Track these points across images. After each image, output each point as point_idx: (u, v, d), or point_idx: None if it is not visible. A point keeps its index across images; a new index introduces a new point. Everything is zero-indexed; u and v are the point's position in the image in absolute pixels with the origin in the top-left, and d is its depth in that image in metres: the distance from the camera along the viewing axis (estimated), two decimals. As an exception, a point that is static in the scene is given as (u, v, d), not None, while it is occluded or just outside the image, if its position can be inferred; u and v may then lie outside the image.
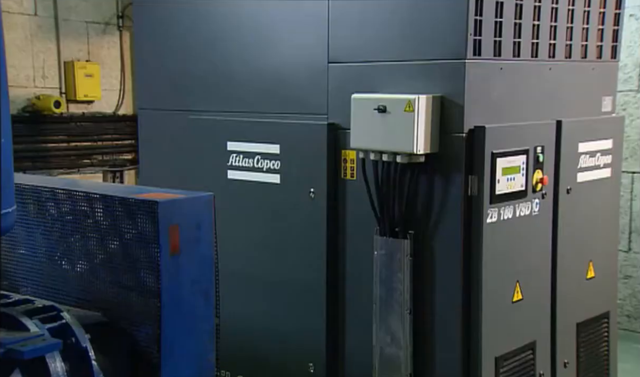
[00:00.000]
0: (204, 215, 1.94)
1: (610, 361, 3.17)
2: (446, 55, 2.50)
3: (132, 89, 5.89)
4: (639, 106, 4.64)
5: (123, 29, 5.89)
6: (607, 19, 3.02)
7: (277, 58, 3.05)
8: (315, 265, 2.91)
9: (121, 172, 5.96)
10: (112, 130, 5.86)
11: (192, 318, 1.90)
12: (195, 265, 1.91)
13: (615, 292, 3.29)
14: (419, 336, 2.64)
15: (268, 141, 3.03)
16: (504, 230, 2.60)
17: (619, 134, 3.15)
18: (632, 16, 4.61)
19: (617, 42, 3.09)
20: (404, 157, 2.53)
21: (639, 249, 4.74)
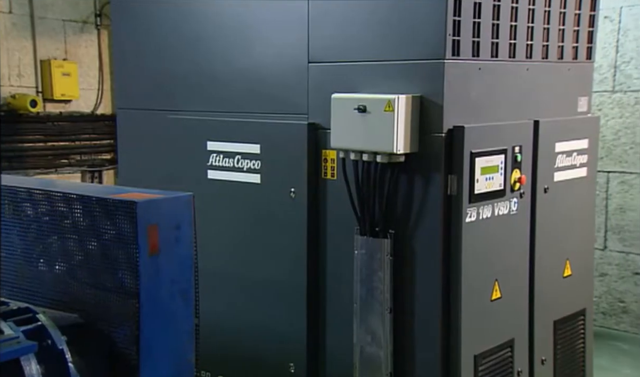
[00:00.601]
0: (183, 215, 1.93)
1: (586, 357, 3.22)
2: (425, 56, 2.52)
3: (111, 88, 5.83)
4: (614, 106, 4.72)
5: (101, 28, 5.83)
6: (582, 21, 3.06)
7: (258, 58, 3.04)
8: (296, 265, 2.91)
9: (100, 172, 5.91)
10: (90, 130, 5.80)
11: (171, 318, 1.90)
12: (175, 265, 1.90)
13: (591, 289, 3.34)
14: (399, 334, 2.65)
15: (248, 141, 3.03)
16: (483, 229, 2.62)
17: (594, 134, 3.20)
18: (607, 18, 4.68)
19: (592, 44, 3.14)
20: (384, 156, 2.55)
21: (614, 247, 4.82)
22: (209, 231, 3.12)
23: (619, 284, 4.81)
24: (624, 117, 4.70)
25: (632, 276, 4.74)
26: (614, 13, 4.68)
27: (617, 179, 4.76)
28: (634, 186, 4.69)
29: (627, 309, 4.78)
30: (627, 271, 4.77)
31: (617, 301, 4.83)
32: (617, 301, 4.84)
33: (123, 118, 3.63)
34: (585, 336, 3.21)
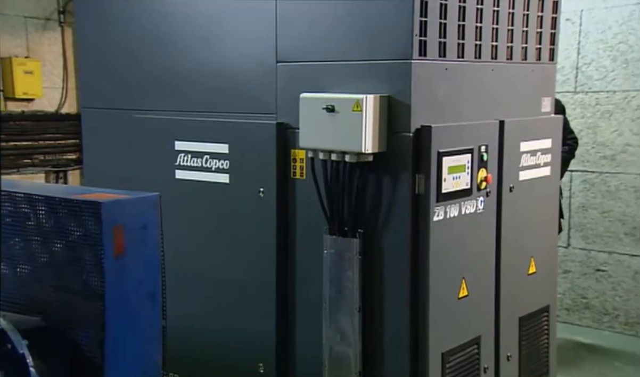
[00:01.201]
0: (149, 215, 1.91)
1: (550, 352, 3.29)
2: (393, 56, 2.54)
3: (76, 87, 5.73)
4: (576, 107, 4.83)
5: (65, 25, 5.72)
6: (544, 23, 3.12)
7: (226, 57, 3.02)
8: (265, 264, 2.91)
9: (65, 173, 5.81)
10: (54, 130, 5.69)
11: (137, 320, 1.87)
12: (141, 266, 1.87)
13: (555, 286, 3.41)
14: (368, 333, 2.67)
15: (217, 141, 3.01)
16: (450, 228, 2.65)
17: (557, 134, 3.27)
18: (569, 20, 4.79)
19: (555, 45, 3.20)
20: (352, 156, 2.56)
21: (577, 245, 4.93)
22: (177, 231, 3.09)
23: (582, 280, 4.92)
24: (585, 118, 4.81)
25: (594, 272, 4.85)
26: (575, 16, 4.79)
27: (580, 178, 4.87)
28: (596, 185, 4.81)
29: (589, 305, 4.90)
30: (589, 267, 4.89)
31: (580, 297, 4.95)
32: (579, 297, 4.95)
33: (88, 117, 3.57)
34: (549, 332, 3.28)
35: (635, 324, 4.69)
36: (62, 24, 5.68)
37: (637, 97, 4.61)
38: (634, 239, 4.68)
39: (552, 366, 3.31)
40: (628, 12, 4.61)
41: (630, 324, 4.67)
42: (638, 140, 4.60)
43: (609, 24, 4.68)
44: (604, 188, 4.76)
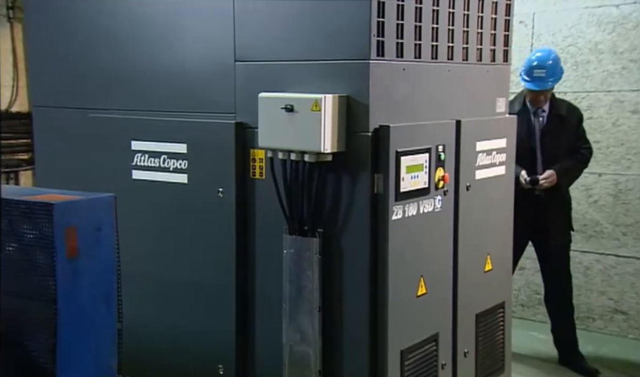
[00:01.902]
0: (104, 216, 1.88)
1: (505, 348, 3.36)
2: (351, 56, 2.55)
3: (27, 85, 5.57)
4: (530, 107, 4.94)
5: (14, 21, 5.56)
6: (498, 25, 3.19)
7: (184, 55, 2.99)
8: (225, 265, 2.89)
9: (16, 173, 5.64)
10: (4, 129, 5.52)
11: (91, 324, 1.83)
12: (95, 268, 1.84)
13: (510, 283, 3.49)
14: (328, 332, 2.68)
15: (175, 140, 2.97)
16: (409, 226, 2.68)
17: (512, 134, 3.34)
18: (522, 23, 4.91)
19: (508, 47, 3.27)
20: (311, 156, 2.56)
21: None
22: (135, 232, 3.04)
23: (536, 277, 5.04)
24: (539, 118, 4.92)
25: (548, 268, 4.96)
26: (527, 18, 4.91)
27: (534, 177, 4.98)
28: (549, 183, 4.92)
29: (542, 301, 5.03)
30: (543, 264, 5.00)
31: (534, 293, 5.07)
32: (534, 293, 5.07)
33: (40, 116, 3.47)
34: (505, 328, 3.35)
35: (586, 318, 4.84)
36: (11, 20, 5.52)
37: (586, 99, 4.75)
38: (584, 236, 4.82)
39: (508, 360, 3.39)
40: (577, 16, 4.75)
41: (581, 318, 4.82)
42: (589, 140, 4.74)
43: (559, 27, 4.81)
44: (556, 186, 4.88)
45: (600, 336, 4.70)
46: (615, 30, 4.62)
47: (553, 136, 4.14)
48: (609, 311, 4.75)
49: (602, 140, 4.70)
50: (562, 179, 4.12)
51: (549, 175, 4.08)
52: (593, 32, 4.67)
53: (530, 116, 4.16)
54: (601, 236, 4.74)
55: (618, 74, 4.62)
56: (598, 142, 4.71)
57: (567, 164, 4.16)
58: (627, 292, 4.67)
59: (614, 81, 4.61)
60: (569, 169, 4.17)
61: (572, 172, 4.23)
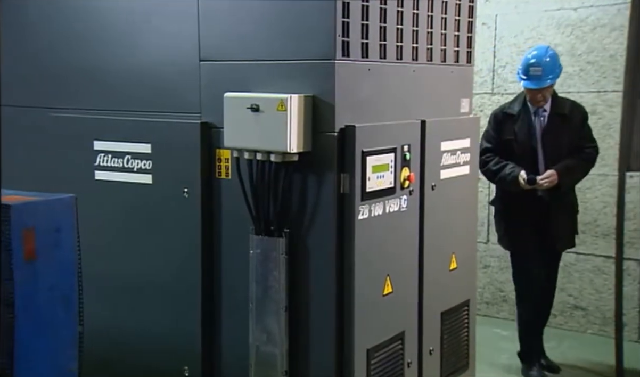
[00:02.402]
0: (64, 218, 1.84)
1: (469, 345, 3.41)
2: (316, 56, 2.56)
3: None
4: (494, 108, 5.03)
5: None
6: (462, 26, 3.24)
7: (148, 54, 2.95)
8: (190, 266, 2.86)
9: (-27, 175, 5.48)
10: (-39, 129, 5.37)
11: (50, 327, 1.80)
12: (55, 270, 1.80)
13: (474, 281, 3.54)
14: (295, 332, 2.68)
15: (138, 140, 2.94)
16: (375, 226, 2.70)
17: (475, 134, 3.40)
18: (485, 25, 4.99)
19: (471, 48, 3.32)
20: (277, 156, 2.56)
21: (496, 241, 5.13)
22: (99, 233, 3.00)
23: (500, 274, 5.13)
24: (502, 118, 5.00)
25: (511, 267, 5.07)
26: (490, 20, 4.99)
27: (497, 176, 5.06)
28: (513, 183, 5.01)
29: (506, 298, 5.12)
30: (506, 262, 5.09)
31: (498, 291, 5.16)
32: (498, 291, 5.16)
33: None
34: (469, 325, 3.40)
35: (548, 314, 4.94)
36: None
37: (548, 99, 4.85)
38: (546, 234, 4.92)
39: (472, 358, 3.44)
40: (537, 18, 4.85)
41: (543, 315, 4.92)
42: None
43: (521, 28, 4.91)
44: (520, 186, 4.98)
45: (560, 331, 4.81)
46: (573, 33, 4.73)
47: (555, 136, 3.97)
48: (568, 307, 4.86)
49: (563, 141, 4.80)
50: (563, 179, 3.94)
51: (549, 175, 3.91)
52: (553, 35, 4.77)
53: (530, 116, 4.01)
54: (562, 234, 4.84)
55: (577, 75, 4.73)
56: (559, 142, 4.82)
57: (569, 163, 3.97)
58: (586, 288, 4.79)
59: (572, 83, 4.72)
60: (570, 169, 3.98)
61: (574, 172, 4.03)
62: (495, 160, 4.00)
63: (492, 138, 4.05)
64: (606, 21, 4.60)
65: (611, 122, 4.29)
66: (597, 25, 4.64)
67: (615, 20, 4.54)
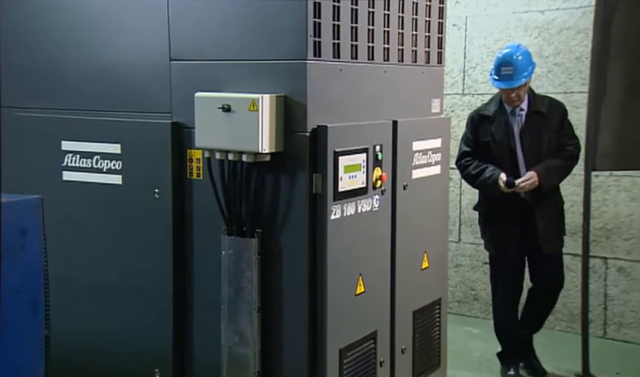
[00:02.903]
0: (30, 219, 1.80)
1: (441, 343, 3.44)
2: (288, 56, 2.56)
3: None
4: (464, 108, 5.08)
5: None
6: (432, 27, 3.27)
7: (117, 53, 2.92)
8: (161, 268, 2.83)
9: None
10: None
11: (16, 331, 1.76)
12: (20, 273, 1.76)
13: (446, 280, 3.57)
14: (267, 333, 2.67)
15: (108, 141, 2.90)
16: (347, 226, 2.71)
17: (446, 134, 3.43)
18: (455, 26, 5.03)
19: (442, 49, 3.36)
20: (249, 156, 2.55)
21: (467, 240, 5.19)
22: (67, 235, 2.96)
23: (471, 273, 5.19)
24: (472, 119, 5.06)
25: (482, 265, 5.13)
26: (460, 22, 5.04)
27: (468, 176, 5.11)
28: (482, 183, 5.07)
29: (477, 297, 5.18)
30: (477, 261, 5.16)
31: (470, 290, 5.21)
32: (469, 290, 5.21)
33: (-37, 115, 3.31)
34: (441, 324, 3.43)
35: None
36: None
37: (517, 100, 4.92)
38: (516, 232, 4.99)
39: (443, 356, 3.47)
40: (506, 20, 4.91)
41: (513, 312, 4.99)
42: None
43: (490, 30, 4.97)
44: (489, 185, 5.04)
45: (530, 329, 4.87)
46: (540, 35, 4.81)
47: (533, 135, 3.81)
48: (538, 305, 4.93)
49: (532, 141, 4.88)
50: (544, 180, 3.75)
51: (529, 177, 3.73)
52: (521, 37, 4.84)
53: (507, 116, 3.85)
54: (531, 232, 4.91)
55: (544, 76, 4.81)
56: (528, 142, 4.89)
57: (550, 163, 3.80)
58: (555, 286, 4.86)
59: (540, 84, 4.79)
60: (551, 168, 3.80)
61: (555, 172, 3.83)
62: (474, 164, 3.87)
63: (470, 141, 3.92)
64: (572, 24, 4.68)
65: (577, 122, 4.36)
66: (563, 27, 4.72)
67: (580, 23, 4.63)
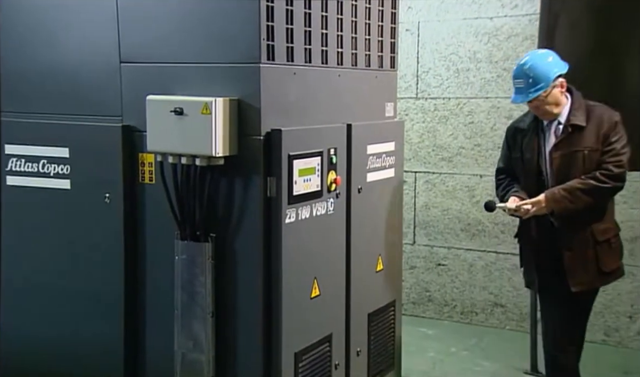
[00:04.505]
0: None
1: (395, 345, 3.47)
2: (241, 59, 2.54)
3: None
4: (418, 112, 5.15)
5: None
6: (385, 32, 3.30)
7: (66, 54, 2.86)
8: (113, 273, 2.78)
9: None
10: None
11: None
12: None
13: (400, 282, 3.61)
14: (222, 338, 2.64)
15: (55, 144, 2.83)
16: (302, 229, 2.71)
17: (400, 137, 3.47)
18: (408, 31, 5.10)
19: (395, 53, 3.40)
20: (202, 159, 2.52)
21: (421, 242, 5.26)
22: (12, 240, 2.88)
23: (426, 275, 5.26)
24: (426, 122, 5.15)
25: (435, 267, 5.20)
26: (413, 27, 5.11)
27: (423, 178, 5.20)
28: (437, 185, 5.16)
29: (432, 298, 5.25)
30: (431, 262, 5.23)
31: (424, 291, 5.28)
32: (424, 291, 5.28)
33: None
34: (395, 325, 3.46)
35: (469, 312, 5.11)
36: None
37: (467, 104, 5.02)
38: (468, 234, 5.09)
39: (398, 357, 3.50)
40: (457, 26, 5.01)
41: (465, 313, 5.08)
42: (470, 143, 5.01)
43: (442, 36, 5.06)
44: (443, 188, 5.12)
45: (481, 328, 4.98)
46: (490, 41, 4.92)
47: (564, 153, 2.99)
48: (489, 305, 5.04)
49: (483, 144, 4.99)
50: (554, 203, 2.96)
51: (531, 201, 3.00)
52: (471, 42, 4.95)
53: (540, 130, 3.09)
54: (483, 234, 5.03)
55: (494, 81, 4.92)
56: (479, 145, 4.99)
57: (572, 184, 2.96)
58: (505, 286, 4.98)
59: (490, 88, 4.91)
60: (570, 190, 2.94)
61: (577, 194, 2.94)
62: (504, 185, 3.22)
63: (505, 156, 3.28)
64: (519, 31, 4.81)
65: (527, 126, 4.47)
66: (511, 34, 4.84)
67: (527, 30, 4.75)
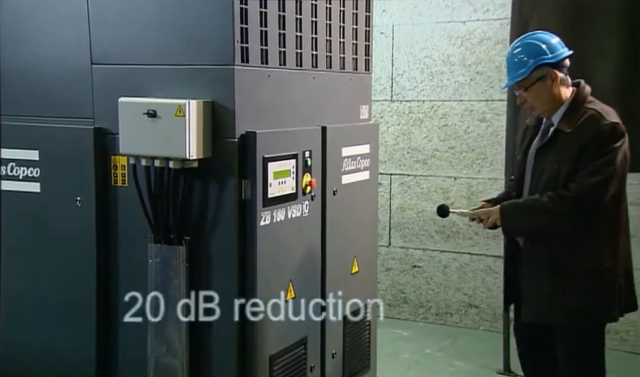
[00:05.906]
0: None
1: (370, 346, 3.48)
2: (215, 61, 2.53)
3: None
4: (393, 114, 5.18)
5: None
6: (359, 35, 3.32)
7: (36, 55, 2.81)
8: (84, 278, 2.74)
9: None
10: None
11: None
12: None
13: (375, 284, 3.62)
14: (196, 342, 2.62)
15: (24, 147, 2.79)
16: (277, 232, 2.70)
17: (375, 140, 3.48)
18: (383, 34, 5.13)
19: (369, 56, 3.41)
20: (176, 162, 2.50)
21: (397, 244, 5.28)
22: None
23: (401, 276, 5.28)
24: (401, 125, 5.18)
25: (411, 269, 5.23)
26: (388, 30, 5.14)
27: (398, 180, 5.22)
28: (412, 187, 5.19)
29: (407, 299, 5.28)
30: (407, 264, 5.26)
31: (400, 293, 5.31)
32: (399, 293, 5.31)
33: None
34: (371, 327, 3.47)
35: (444, 313, 5.15)
36: None
37: (442, 107, 5.07)
38: (443, 236, 5.13)
39: (373, 359, 3.51)
40: (431, 30, 5.05)
41: (440, 314, 5.12)
42: (444, 146, 5.06)
43: (416, 39, 5.10)
44: (418, 190, 5.15)
45: (456, 329, 5.02)
46: (463, 44, 4.97)
47: (544, 160, 2.66)
48: (463, 306, 5.09)
49: (457, 146, 5.04)
50: (503, 218, 2.67)
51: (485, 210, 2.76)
52: (445, 46, 4.99)
53: (537, 131, 2.77)
54: (457, 235, 5.07)
55: (467, 84, 4.97)
56: (453, 148, 5.04)
57: (526, 200, 2.68)
58: (479, 287, 5.03)
59: (464, 91, 4.95)
60: (521, 207, 2.66)
61: (525, 212, 2.65)
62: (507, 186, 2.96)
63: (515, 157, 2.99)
64: (491, 34, 4.87)
65: (499, 129, 4.54)
66: (483, 38, 4.90)
67: (499, 34, 4.82)
